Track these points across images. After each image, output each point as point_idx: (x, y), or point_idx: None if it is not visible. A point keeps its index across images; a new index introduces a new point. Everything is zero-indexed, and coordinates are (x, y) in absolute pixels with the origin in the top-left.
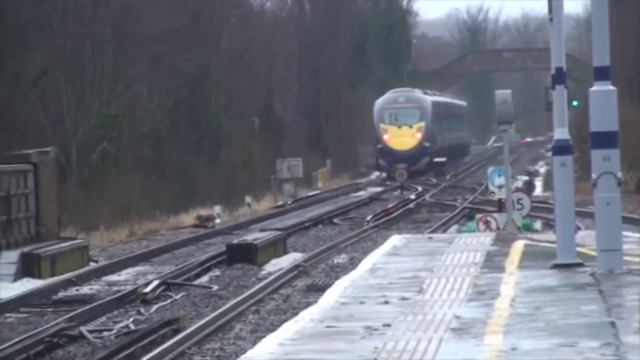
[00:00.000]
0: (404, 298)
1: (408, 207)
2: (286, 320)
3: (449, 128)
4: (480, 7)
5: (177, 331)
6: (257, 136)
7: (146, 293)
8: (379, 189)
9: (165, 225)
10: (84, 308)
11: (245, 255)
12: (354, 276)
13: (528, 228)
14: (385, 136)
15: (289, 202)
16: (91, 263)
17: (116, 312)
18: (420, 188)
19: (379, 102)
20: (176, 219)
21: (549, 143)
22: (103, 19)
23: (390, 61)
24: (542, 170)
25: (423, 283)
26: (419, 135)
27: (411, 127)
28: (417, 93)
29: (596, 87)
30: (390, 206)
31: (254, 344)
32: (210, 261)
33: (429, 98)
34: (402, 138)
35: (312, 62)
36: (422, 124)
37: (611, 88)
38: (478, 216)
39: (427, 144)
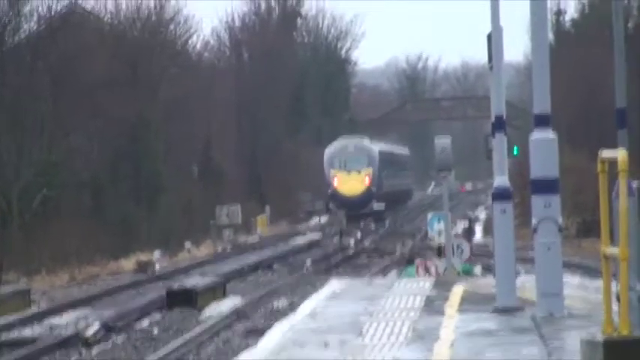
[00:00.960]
0: (343, 342)
1: (347, 254)
2: None
3: (394, 175)
4: (419, 55)
5: None
6: (196, 183)
7: (88, 337)
8: (318, 236)
9: (105, 270)
10: (27, 351)
11: (185, 299)
12: (293, 320)
13: (468, 273)
14: (335, 181)
15: (229, 248)
16: (33, 307)
17: (58, 354)
18: (359, 234)
19: (329, 149)
20: (116, 264)
21: (489, 190)
22: (42, 69)
23: (328, 109)
24: (483, 216)
25: (363, 327)
26: (367, 180)
27: (359, 172)
28: (365, 141)
29: (537, 134)
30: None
31: None
32: (150, 306)
33: (376, 146)
34: (351, 183)
35: (250, 111)
36: (369, 170)
37: (552, 135)
38: (418, 261)
39: (374, 189)
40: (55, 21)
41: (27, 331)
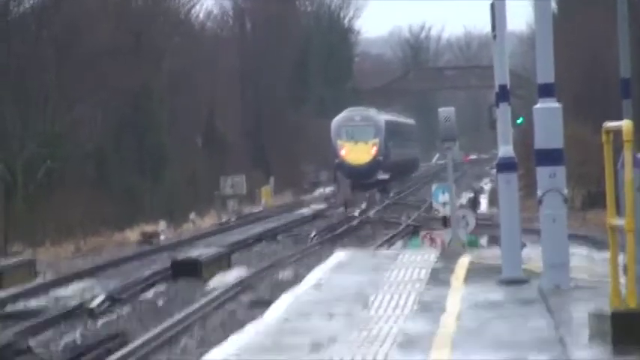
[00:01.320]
0: (349, 314)
1: (351, 224)
2: (231, 334)
3: (400, 145)
4: (422, 24)
5: (123, 345)
6: (200, 154)
7: (93, 308)
8: (323, 206)
9: (110, 241)
10: (32, 322)
11: (190, 270)
12: (298, 291)
13: (474, 244)
14: (342, 152)
15: (233, 219)
16: (38, 278)
17: (63, 326)
18: (363, 205)
19: (336, 120)
20: (121, 235)
21: (494, 160)
22: (46, 39)
23: (332, 79)
24: (487, 187)
25: (368, 298)
26: (373, 150)
27: (366, 143)
28: (372, 112)
29: (541, 104)
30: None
31: (199, 358)
32: (155, 276)
33: (383, 117)
34: (358, 153)
35: (254, 81)
36: (376, 140)
37: (556, 105)
38: (422, 232)
39: (381, 159)
40: None
41: (32, 303)
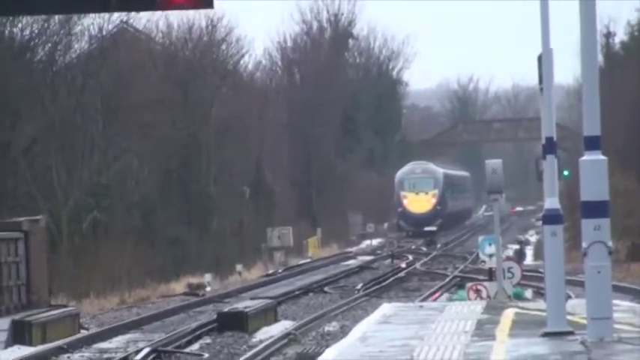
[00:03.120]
0: None
1: (398, 276)
2: None
3: (457, 195)
4: (470, 77)
5: None
6: (248, 205)
7: None
8: (369, 257)
9: (155, 293)
10: None
11: (236, 323)
12: (344, 344)
13: (519, 296)
14: (405, 201)
15: (280, 271)
16: (82, 331)
17: None
18: (410, 257)
19: (400, 173)
20: (167, 287)
21: (539, 212)
22: (93, 89)
23: (380, 131)
24: (533, 239)
25: (414, 351)
26: (433, 200)
27: (427, 193)
28: (431, 165)
29: (587, 156)
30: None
31: None
32: (201, 329)
33: (441, 170)
34: (420, 203)
35: (302, 131)
36: (436, 191)
37: (602, 157)
38: (469, 284)
39: (439, 208)
40: (105, 40)
41: (76, 356)
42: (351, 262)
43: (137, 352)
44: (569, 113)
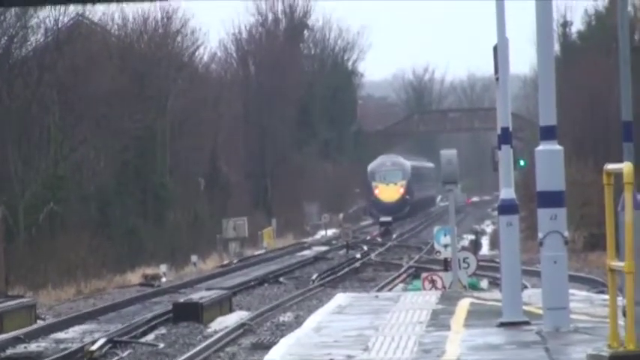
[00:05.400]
0: (349, 357)
1: (353, 266)
2: None
3: (422, 185)
4: (425, 67)
5: None
6: (203, 196)
7: (93, 351)
8: (324, 248)
9: (111, 284)
10: None
11: (191, 313)
12: (299, 334)
13: (474, 287)
14: (376, 191)
15: (235, 261)
16: (39, 321)
17: None
18: (365, 247)
19: (372, 165)
20: (123, 278)
21: (495, 202)
22: (49, 82)
23: (336, 121)
24: (489, 229)
25: (369, 341)
26: (401, 190)
27: (395, 184)
28: (400, 158)
29: (543, 146)
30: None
31: None
32: (156, 319)
33: (409, 162)
34: (389, 192)
35: (258, 123)
36: (404, 182)
37: (558, 147)
38: (424, 274)
39: (407, 197)
40: (61, 33)
41: (33, 346)
42: (306, 252)
43: (93, 342)
44: (526, 103)
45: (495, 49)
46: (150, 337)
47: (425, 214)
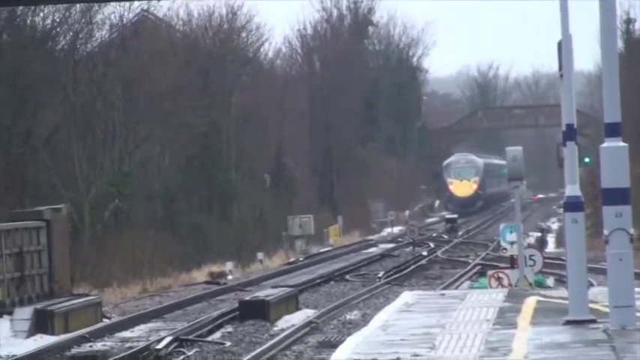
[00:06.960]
0: (416, 355)
1: (420, 263)
2: None
3: (494, 181)
4: (490, 63)
5: None
6: (268, 192)
7: (159, 350)
8: (391, 245)
9: (177, 281)
10: None
11: (257, 311)
12: (366, 332)
13: (541, 284)
14: (451, 187)
15: (301, 259)
16: (104, 320)
17: None
18: (432, 245)
19: (447, 162)
20: (188, 275)
21: (561, 199)
22: (114, 78)
23: (400, 118)
24: (555, 227)
25: (435, 339)
26: (475, 186)
27: (469, 180)
28: (473, 156)
29: (607, 143)
30: None
31: None
32: (222, 317)
33: (481, 160)
34: (463, 188)
35: (322, 119)
36: (477, 178)
37: (623, 144)
38: (490, 272)
39: (480, 192)
40: (126, 29)
41: (98, 345)
42: (373, 249)
43: (159, 340)
44: (590, 100)
45: (560, 45)
46: (216, 336)
47: (497, 208)
